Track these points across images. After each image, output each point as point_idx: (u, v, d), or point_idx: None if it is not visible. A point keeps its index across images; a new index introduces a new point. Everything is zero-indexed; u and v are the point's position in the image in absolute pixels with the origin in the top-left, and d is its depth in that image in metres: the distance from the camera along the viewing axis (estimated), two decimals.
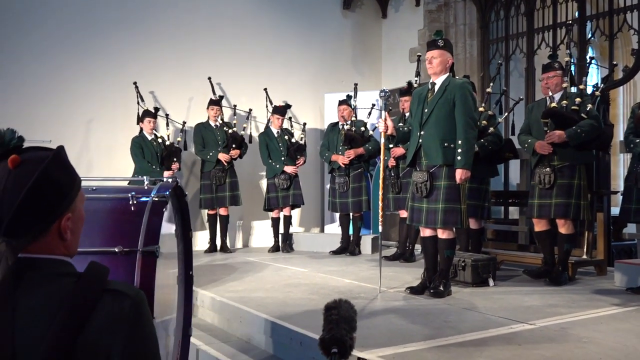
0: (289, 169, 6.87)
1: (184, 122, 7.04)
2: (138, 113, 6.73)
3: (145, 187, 2.26)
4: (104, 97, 6.83)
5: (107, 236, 1.96)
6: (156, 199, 2.11)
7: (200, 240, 7.22)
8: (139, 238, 1.96)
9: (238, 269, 5.54)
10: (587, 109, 4.66)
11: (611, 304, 3.98)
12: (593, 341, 3.02)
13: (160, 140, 6.69)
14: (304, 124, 7.53)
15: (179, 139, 6.91)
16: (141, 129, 6.60)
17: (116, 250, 1.92)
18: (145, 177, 2.37)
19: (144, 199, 2.08)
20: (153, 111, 6.68)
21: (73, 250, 1.21)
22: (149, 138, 6.58)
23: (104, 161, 6.74)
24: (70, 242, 1.19)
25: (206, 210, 6.96)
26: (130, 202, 2.06)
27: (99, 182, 2.38)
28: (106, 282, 1.14)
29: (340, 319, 2.05)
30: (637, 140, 4.35)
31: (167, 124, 6.89)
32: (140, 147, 6.49)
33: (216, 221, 6.92)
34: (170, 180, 2.34)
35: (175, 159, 6.61)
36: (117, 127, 6.85)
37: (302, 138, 7.25)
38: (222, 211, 6.89)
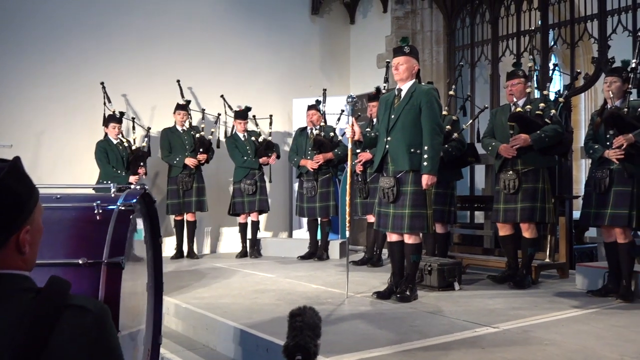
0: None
1: (149, 128, 6.95)
2: (104, 114, 6.62)
3: (112, 195, 2.22)
4: (67, 101, 6.71)
5: (70, 247, 1.91)
6: (122, 208, 2.07)
7: (167, 246, 7.13)
8: (103, 249, 1.92)
9: (205, 276, 5.50)
10: (551, 115, 4.78)
11: (572, 306, 4.07)
12: (554, 343, 3.09)
13: (126, 144, 6.60)
14: (270, 116, 7.49)
15: (144, 143, 6.82)
16: (106, 134, 6.50)
17: (80, 262, 1.87)
18: (112, 185, 2.33)
19: (110, 207, 2.04)
20: (118, 115, 6.58)
21: (31, 264, 1.18)
22: (114, 142, 6.48)
23: (68, 166, 6.62)
24: (29, 255, 1.16)
25: (173, 216, 6.88)
26: (96, 212, 2.01)
27: (64, 190, 2.33)
28: (67, 297, 1.10)
29: (304, 325, 2.05)
30: (596, 147, 4.46)
31: (133, 128, 6.80)
32: (105, 151, 6.38)
33: (183, 227, 6.85)
34: (138, 187, 2.30)
35: (141, 164, 6.53)
36: (82, 132, 6.74)
37: (270, 133, 7.24)
38: (189, 217, 6.83)
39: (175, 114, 6.90)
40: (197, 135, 6.89)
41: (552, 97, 5.46)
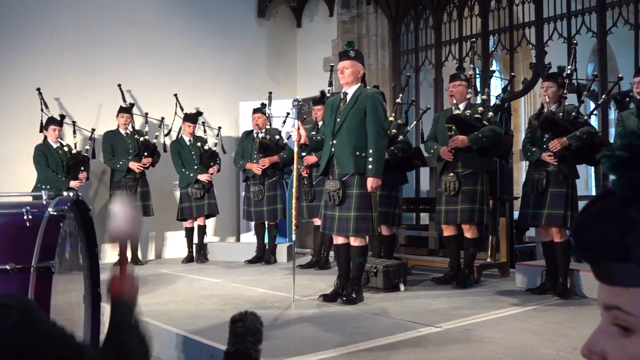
0: (202, 177, 6.77)
1: (93, 130, 6.75)
2: (42, 120, 6.40)
3: (44, 202, 2.15)
4: (3, 104, 6.45)
5: None
6: (54, 213, 2.01)
7: (111, 252, 6.96)
8: (33, 254, 1.87)
9: (149, 282, 5.38)
10: (489, 117, 4.91)
11: (512, 304, 4.19)
12: (494, 341, 3.17)
13: (66, 148, 6.40)
14: (219, 128, 7.44)
15: (87, 147, 6.63)
16: (45, 137, 6.28)
17: (7, 267, 1.82)
18: (43, 192, 2.26)
19: (40, 213, 1.98)
20: (58, 118, 6.38)
21: None
22: (54, 146, 6.27)
23: (6, 171, 6.34)
24: None
25: None
26: (25, 217, 1.96)
27: None
28: None
29: (245, 331, 2.04)
30: (534, 149, 4.62)
31: (74, 132, 6.60)
32: (45, 156, 6.17)
33: None
34: (71, 194, 2.23)
35: (82, 168, 6.34)
36: (19, 136, 6.48)
37: (216, 144, 7.16)
38: None
39: (118, 117, 6.74)
40: (142, 138, 6.75)
41: (493, 100, 5.63)
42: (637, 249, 0.56)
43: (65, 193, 2.24)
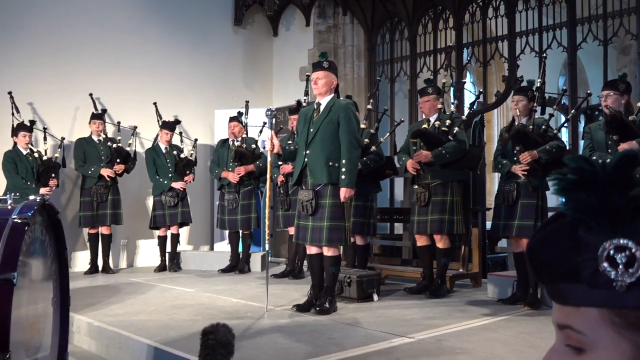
0: (177, 184, 6.72)
1: (63, 138, 6.65)
2: (13, 125, 6.29)
3: (9, 207, 2.11)
4: None
5: None
6: (17, 220, 1.96)
7: (81, 260, 6.85)
8: None
9: (120, 291, 5.31)
10: (455, 132, 4.95)
11: (483, 314, 4.24)
12: (465, 352, 3.20)
13: (36, 155, 6.29)
14: (195, 140, 7.41)
15: (57, 154, 6.53)
16: (15, 143, 6.17)
17: None
18: (8, 196, 2.22)
19: (2, 221, 1.93)
20: (29, 124, 6.27)
21: None
22: (24, 153, 6.17)
23: None
24: None
25: (87, 229, 6.62)
26: None
27: None
28: None
29: (217, 344, 2.02)
30: (505, 162, 4.69)
31: (45, 138, 6.49)
32: (14, 162, 6.06)
33: (98, 240, 6.59)
34: (37, 198, 2.20)
35: (53, 175, 6.24)
36: None
37: (192, 154, 7.12)
38: (104, 230, 6.59)
39: (90, 123, 6.66)
40: (114, 145, 6.67)
41: (466, 112, 5.70)
42: (587, 270, 0.58)
43: (32, 197, 2.20)
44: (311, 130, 4.31)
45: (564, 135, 7.37)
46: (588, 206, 0.57)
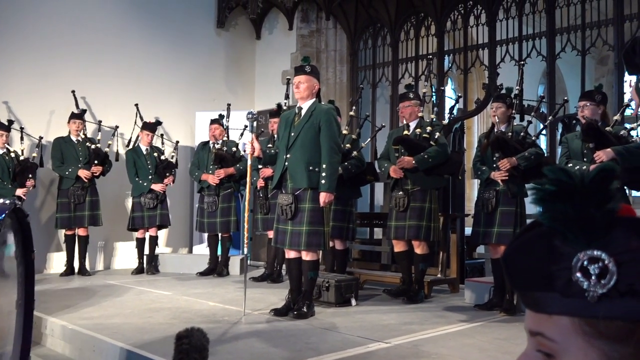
0: (156, 186, 6.66)
1: (41, 138, 6.55)
2: None
3: None
4: None
5: None
6: None
7: (57, 262, 6.76)
8: None
9: (96, 293, 5.24)
10: (436, 137, 4.99)
11: (460, 320, 4.26)
12: (441, 357, 3.21)
13: (13, 155, 6.20)
14: (177, 142, 7.36)
15: (34, 154, 6.43)
16: None
17: None
18: None
19: None
20: (6, 123, 6.18)
21: None
22: (0, 152, 6.08)
23: None
24: None
25: (63, 231, 6.53)
26: None
27: None
28: None
29: (191, 348, 2.01)
30: (484, 168, 4.73)
31: (22, 138, 6.40)
32: None
33: (74, 242, 6.51)
34: (7, 202, 2.17)
35: (30, 176, 6.14)
36: None
37: (173, 156, 7.07)
38: (80, 231, 6.50)
39: (69, 123, 6.58)
40: (93, 146, 6.60)
41: (447, 119, 5.75)
42: (561, 279, 0.59)
43: (1, 201, 2.17)
44: (292, 134, 4.31)
45: (542, 143, 7.48)
46: (565, 217, 0.58)
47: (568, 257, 0.58)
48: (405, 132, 5.03)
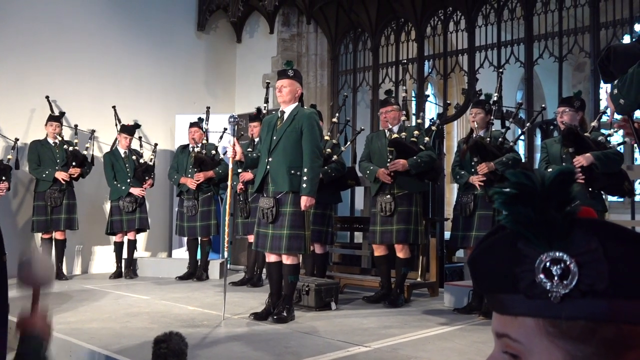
0: (135, 190, 6.60)
1: (16, 140, 6.44)
2: None
3: None
4: None
5: None
6: None
7: None
8: None
9: (73, 298, 5.17)
10: (425, 142, 5.04)
11: (439, 324, 4.28)
12: None
13: None
14: (155, 145, 7.29)
15: (9, 156, 6.33)
16: None
17: None
18: None
19: None
20: None
21: None
22: None
23: None
24: None
25: (40, 234, 6.43)
26: None
27: None
28: None
29: (169, 352, 1.99)
30: (462, 173, 4.78)
31: None
32: None
33: (51, 246, 6.41)
34: None
35: (4, 178, 6.04)
36: None
37: (152, 159, 7.01)
38: (57, 235, 6.41)
39: (47, 125, 6.49)
40: (71, 149, 6.51)
41: (427, 124, 5.79)
42: (524, 281, 0.60)
43: None
44: (274, 138, 4.30)
45: (521, 148, 7.57)
46: (526, 219, 0.60)
47: (531, 259, 0.60)
48: (395, 135, 5.04)
